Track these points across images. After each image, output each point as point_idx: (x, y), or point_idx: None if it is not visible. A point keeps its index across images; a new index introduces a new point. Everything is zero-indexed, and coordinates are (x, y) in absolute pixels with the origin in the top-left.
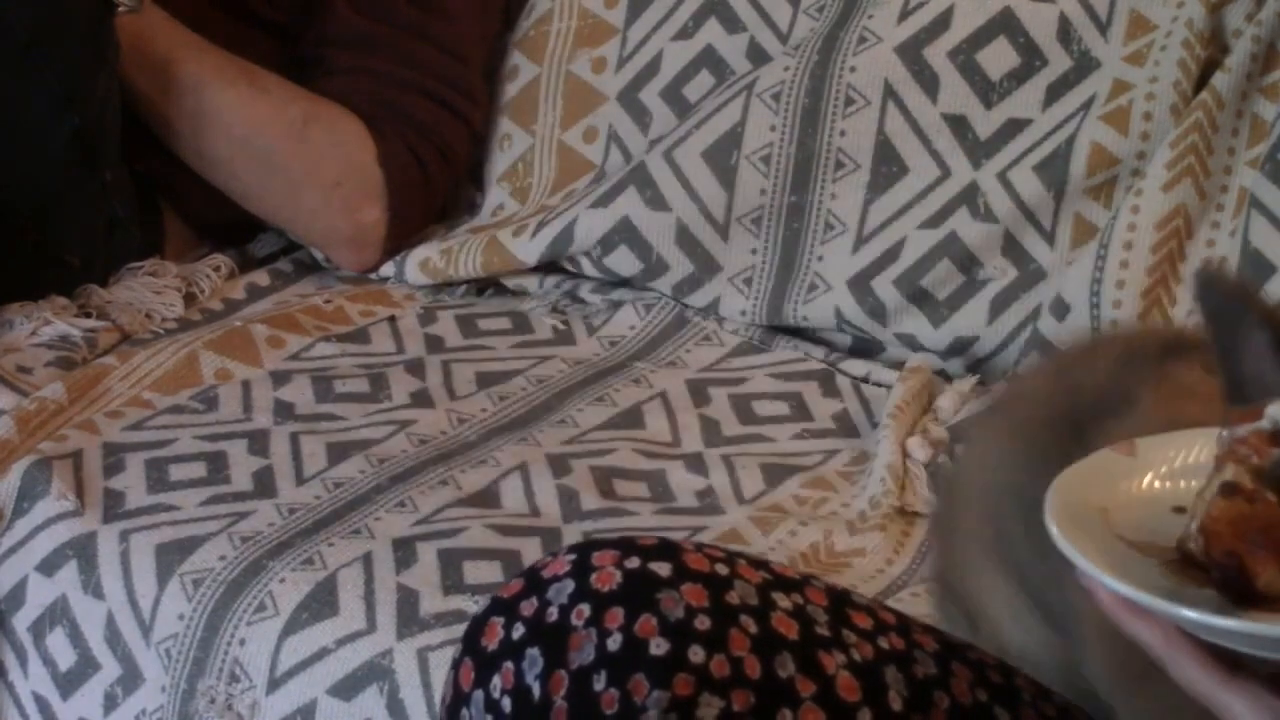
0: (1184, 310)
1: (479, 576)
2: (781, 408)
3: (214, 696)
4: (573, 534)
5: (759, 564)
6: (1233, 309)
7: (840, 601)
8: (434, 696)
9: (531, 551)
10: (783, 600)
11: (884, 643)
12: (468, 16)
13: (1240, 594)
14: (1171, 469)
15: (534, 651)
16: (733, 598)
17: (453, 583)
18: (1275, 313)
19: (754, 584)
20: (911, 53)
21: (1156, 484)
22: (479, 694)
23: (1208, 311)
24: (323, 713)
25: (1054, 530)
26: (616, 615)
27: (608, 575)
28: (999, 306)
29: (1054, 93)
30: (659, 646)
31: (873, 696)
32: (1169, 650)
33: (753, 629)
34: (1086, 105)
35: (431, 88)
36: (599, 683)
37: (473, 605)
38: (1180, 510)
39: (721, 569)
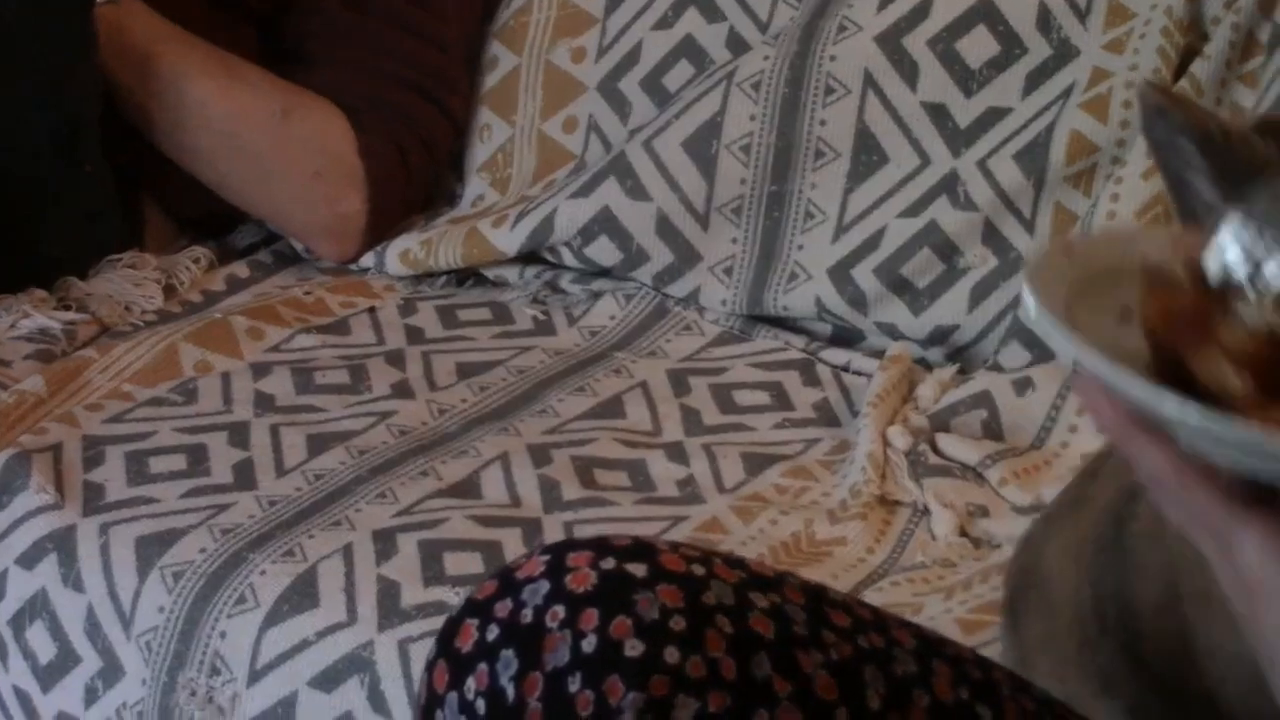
0: None
1: (460, 568)
2: (762, 397)
3: (194, 689)
4: (554, 524)
5: (735, 563)
6: (1174, 142)
7: (817, 599)
8: (415, 688)
9: (512, 542)
10: (760, 600)
11: (863, 641)
12: (449, 6)
13: (1190, 392)
14: (1106, 270)
15: (508, 653)
16: (709, 598)
17: (433, 574)
18: (1209, 135)
19: (731, 584)
20: (891, 41)
21: (1099, 288)
22: (453, 696)
23: (1151, 140)
24: (304, 705)
25: (1055, 328)
26: (592, 616)
27: (583, 576)
28: (979, 295)
29: (1033, 81)
30: (634, 648)
31: (851, 695)
32: (1178, 476)
33: (729, 629)
34: (1066, 93)
35: (413, 78)
36: (574, 684)
37: (454, 597)
38: (1128, 314)
39: (698, 569)
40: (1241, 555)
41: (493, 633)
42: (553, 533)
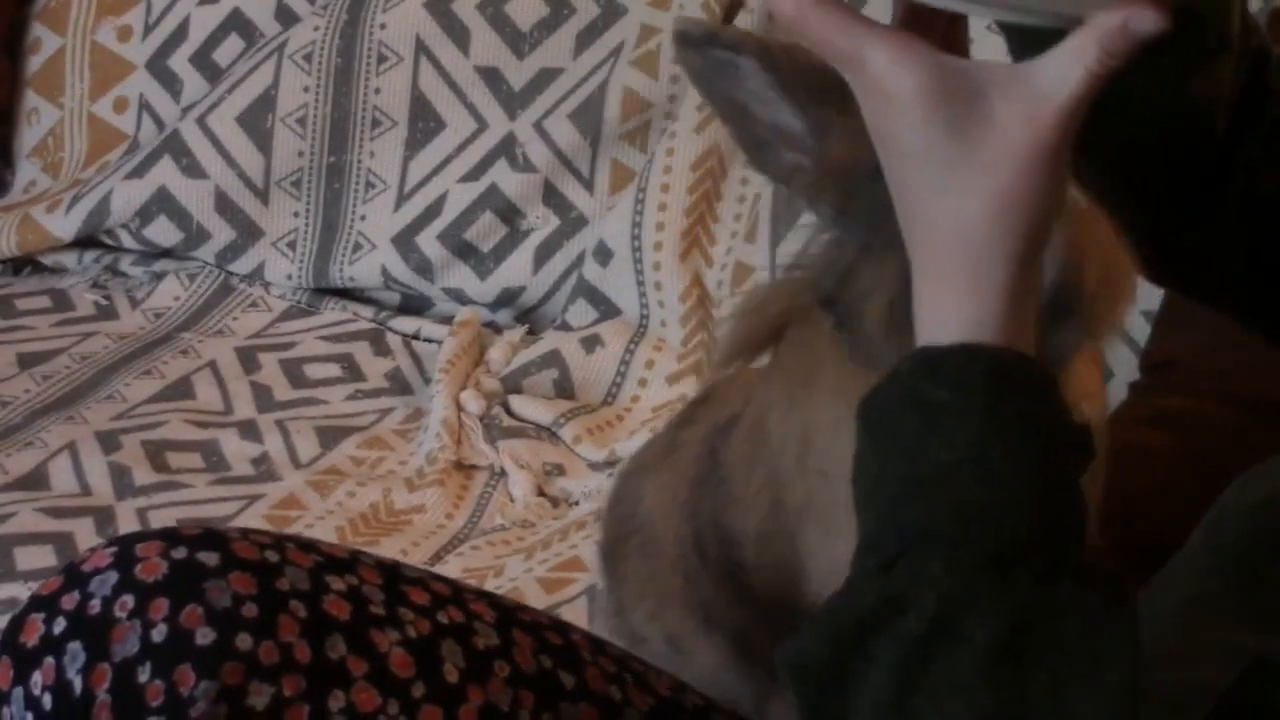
0: (723, 249)
1: (31, 562)
2: (333, 369)
3: None
4: (126, 511)
5: (307, 546)
6: (722, 64)
7: (393, 578)
8: None
9: (84, 532)
10: (336, 583)
11: (443, 617)
12: None
13: None
14: None
15: (75, 645)
16: (283, 584)
17: (4, 570)
18: (768, 49)
19: (305, 568)
20: (441, 7)
21: None
22: (19, 691)
23: (698, 76)
24: None
25: None
26: (161, 606)
27: (153, 565)
28: (543, 255)
29: (584, 41)
30: (205, 636)
31: (426, 670)
32: (801, 5)
33: (302, 613)
34: (616, 52)
35: None
36: (143, 674)
37: (27, 593)
38: None
39: (272, 556)
40: (871, 70)
41: (59, 626)
42: (125, 519)
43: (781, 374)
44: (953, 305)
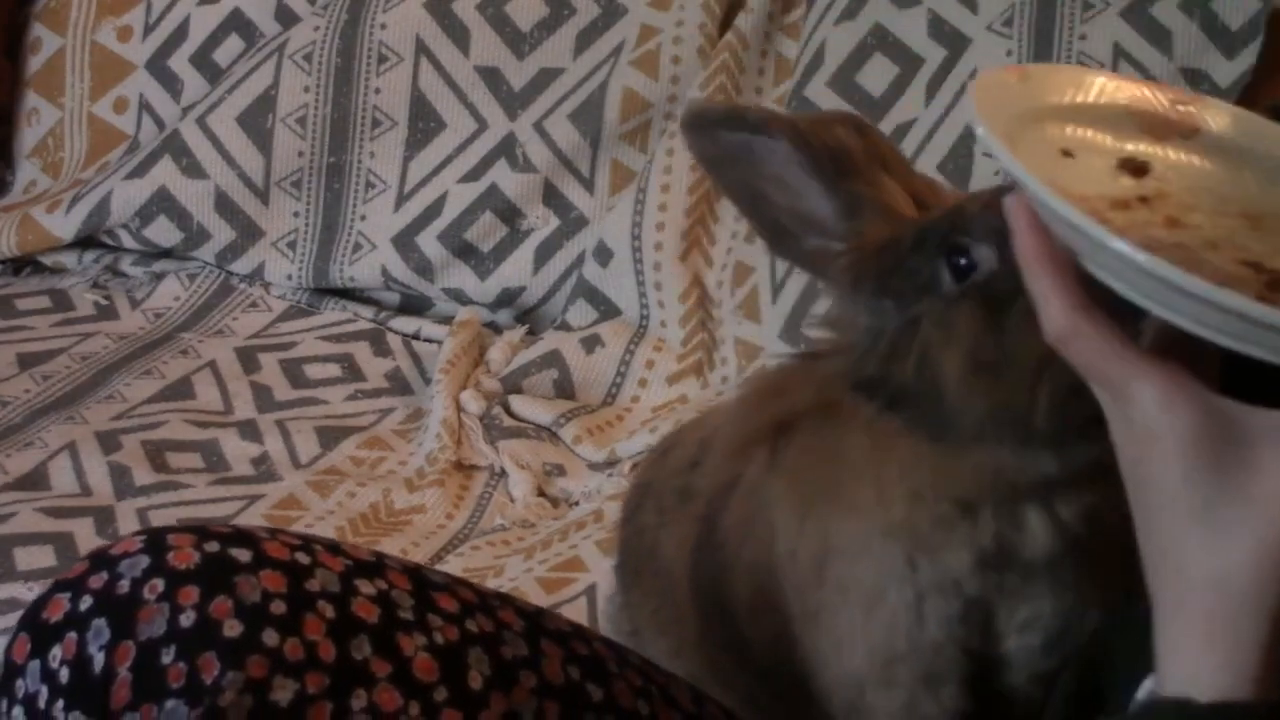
0: (723, 249)
1: (31, 562)
2: (333, 369)
3: None
4: (126, 511)
5: (334, 548)
6: (737, 147)
7: (421, 583)
8: None
9: (85, 533)
10: (366, 586)
11: (472, 625)
12: None
13: None
14: (1064, 107)
15: (100, 622)
16: (313, 585)
17: (4, 570)
18: (795, 126)
19: (336, 572)
20: (441, 7)
21: (1048, 125)
22: (35, 664)
23: (711, 163)
24: None
25: (1004, 153)
26: (191, 593)
27: (186, 555)
28: (543, 255)
29: (584, 40)
30: (233, 628)
31: (451, 676)
32: (1087, 318)
33: (330, 614)
34: (616, 51)
35: None
36: (167, 656)
37: (28, 592)
38: (1068, 154)
39: (302, 557)
40: (1138, 405)
41: (85, 603)
42: (126, 519)
43: (791, 477)
44: (1205, 657)
